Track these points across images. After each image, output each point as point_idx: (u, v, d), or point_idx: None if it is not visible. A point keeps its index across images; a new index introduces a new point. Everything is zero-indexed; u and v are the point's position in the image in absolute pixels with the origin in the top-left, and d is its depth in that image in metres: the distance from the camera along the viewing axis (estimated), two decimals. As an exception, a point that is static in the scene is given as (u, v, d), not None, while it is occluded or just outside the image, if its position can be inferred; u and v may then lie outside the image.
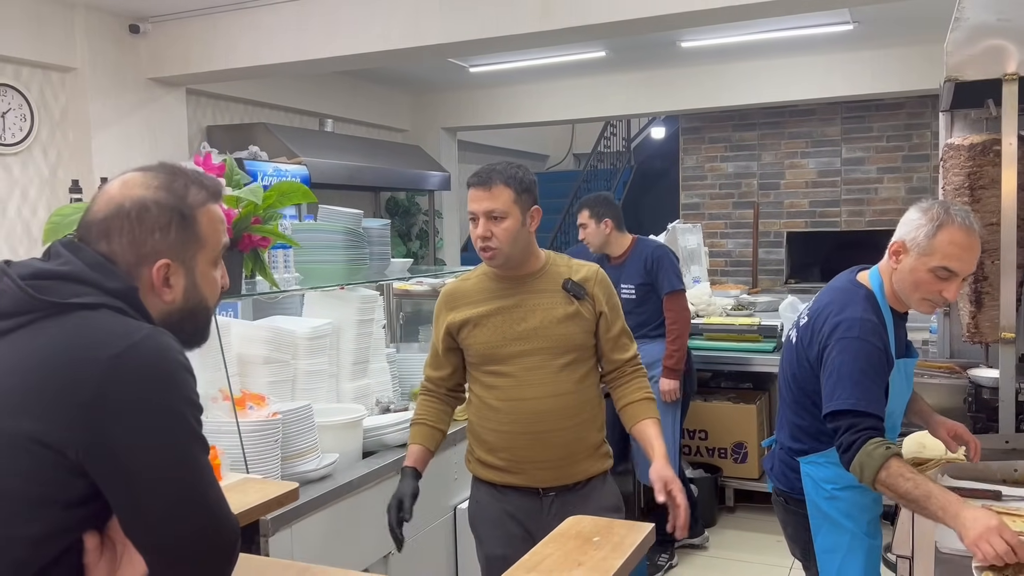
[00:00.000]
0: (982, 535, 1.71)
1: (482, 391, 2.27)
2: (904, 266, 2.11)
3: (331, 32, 4.89)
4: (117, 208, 1.27)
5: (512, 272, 2.26)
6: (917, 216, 2.11)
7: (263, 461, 2.15)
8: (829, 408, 2.04)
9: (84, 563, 1.18)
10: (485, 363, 2.25)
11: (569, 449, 2.24)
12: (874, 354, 2.04)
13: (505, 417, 2.22)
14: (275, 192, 2.11)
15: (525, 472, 2.23)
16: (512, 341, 2.21)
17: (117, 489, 1.14)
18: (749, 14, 4.20)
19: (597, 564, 1.36)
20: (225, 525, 1.22)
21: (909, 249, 2.09)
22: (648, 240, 4.19)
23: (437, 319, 2.35)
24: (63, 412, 1.10)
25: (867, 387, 2.01)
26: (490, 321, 2.23)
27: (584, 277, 2.29)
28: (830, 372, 2.06)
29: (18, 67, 4.87)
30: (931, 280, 2.07)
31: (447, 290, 2.37)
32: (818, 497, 2.22)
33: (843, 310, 2.11)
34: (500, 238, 2.16)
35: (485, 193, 2.17)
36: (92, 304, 1.18)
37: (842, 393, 2.01)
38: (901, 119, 8.12)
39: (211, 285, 1.35)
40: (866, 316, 2.09)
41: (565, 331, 2.23)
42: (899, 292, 2.15)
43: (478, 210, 2.18)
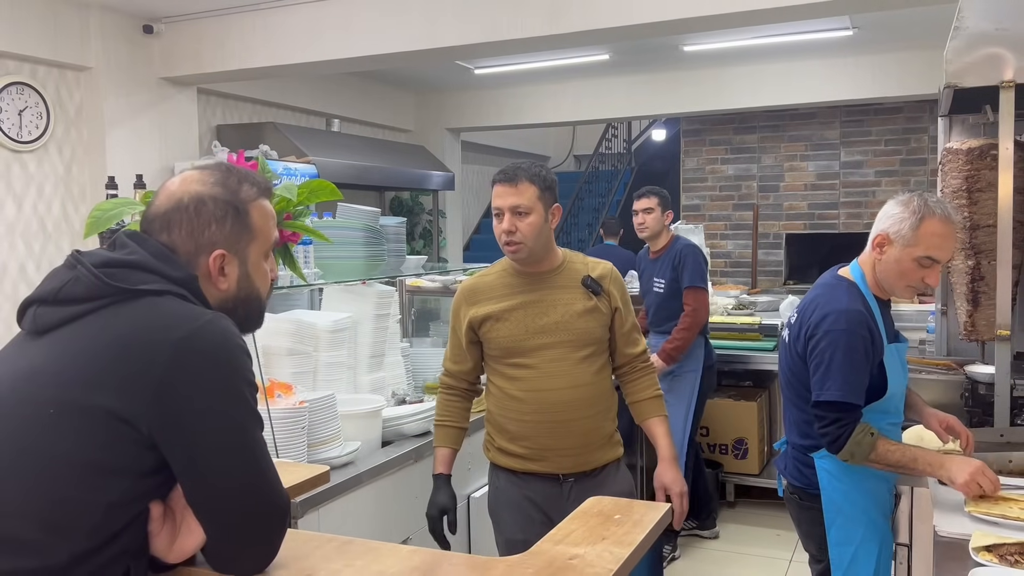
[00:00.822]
0: (972, 476, 2.02)
1: (504, 382, 2.36)
2: (889, 257, 2.23)
3: (345, 34, 4.98)
4: (177, 202, 1.36)
5: (533, 268, 2.36)
6: (898, 210, 2.23)
7: (291, 447, 2.25)
8: (818, 398, 2.18)
9: (148, 530, 1.27)
10: (508, 356, 2.34)
11: (587, 437, 2.35)
12: (860, 345, 2.17)
13: (528, 407, 2.31)
14: (305, 190, 2.20)
15: (547, 459, 2.34)
16: (535, 334, 2.31)
17: (183, 460, 1.23)
18: (752, 20, 4.30)
19: (620, 538, 1.45)
20: (278, 497, 1.31)
21: (893, 241, 2.22)
22: (681, 238, 4.32)
23: (457, 314, 2.43)
24: (136, 389, 1.20)
25: (853, 379, 2.15)
26: (513, 315, 2.32)
27: (601, 274, 2.40)
28: (818, 363, 2.19)
29: (35, 66, 4.96)
30: (915, 269, 2.21)
31: (467, 285, 2.45)
32: (834, 491, 2.30)
33: (830, 303, 2.24)
34: (524, 233, 2.26)
35: (511, 189, 2.26)
36: (158, 291, 1.28)
37: (831, 385, 2.15)
38: (899, 123, 8.23)
39: (262, 276, 1.45)
40: (852, 307, 2.21)
41: (585, 325, 2.33)
42: (883, 281, 2.28)
43: (504, 205, 2.27)
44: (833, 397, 2.15)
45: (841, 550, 2.30)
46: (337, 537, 1.50)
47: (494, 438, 2.43)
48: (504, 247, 2.30)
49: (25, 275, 4.91)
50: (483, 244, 9.69)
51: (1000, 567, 1.69)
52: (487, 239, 9.74)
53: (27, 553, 1.14)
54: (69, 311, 1.26)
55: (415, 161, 7.75)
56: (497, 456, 2.42)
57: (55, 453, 1.18)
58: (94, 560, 1.18)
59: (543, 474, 2.35)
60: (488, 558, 1.39)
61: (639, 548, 1.44)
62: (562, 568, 1.34)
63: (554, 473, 2.35)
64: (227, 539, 1.29)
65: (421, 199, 8.50)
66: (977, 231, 3.10)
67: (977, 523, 1.97)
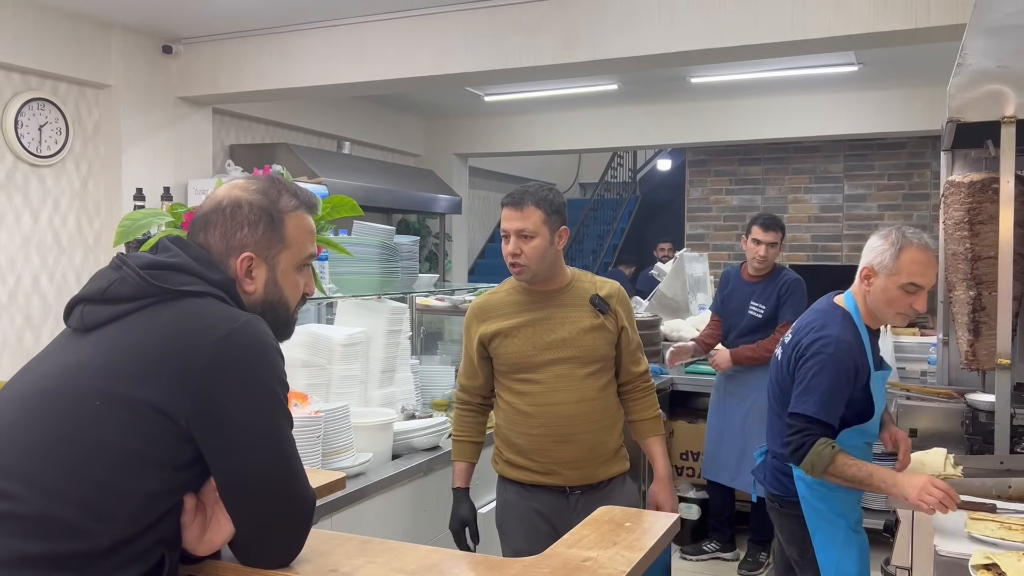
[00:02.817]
0: (921, 489, 2.12)
1: (512, 397, 2.43)
2: (876, 287, 2.40)
3: (358, 59, 5.09)
4: (217, 204, 1.44)
5: (540, 287, 2.44)
6: (880, 243, 2.42)
7: (306, 455, 2.29)
8: (794, 409, 2.35)
9: (181, 521, 1.33)
10: (516, 371, 2.41)
11: (593, 451, 2.42)
12: (843, 372, 2.34)
13: (535, 421, 2.39)
14: (328, 205, 2.28)
15: (554, 473, 2.40)
16: (543, 351, 2.38)
17: (218, 454, 1.29)
18: (758, 54, 4.41)
19: (631, 543, 1.49)
20: (305, 493, 1.37)
21: (878, 272, 2.39)
22: (787, 269, 4.39)
23: (468, 331, 2.51)
24: (177, 384, 1.26)
25: (831, 401, 2.32)
26: (521, 332, 2.40)
27: (608, 293, 2.48)
28: (802, 379, 2.36)
29: (56, 83, 5.07)
30: (902, 296, 2.37)
31: (477, 303, 2.53)
32: (813, 497, 2.45)
33: (823, 328, 2.41)
34: (528, 255, 2.35)
35: (517, 213, 2.35)
36: (199, 292, 1.35)
37: (808, 400, 2.32)
38: (903, 158, 8.34)
39: (292, 286, 1.50)
40: (843, 336, 2.37)
41: (592, 342, 2.41)
42: (874, 310, 2.44)
43: (510, 228, 2.36)
44: (808, 411, 2.31)
45: (827, 553, 2.44)
46: (358, 536, 1.56)
47: (502, 451, 2.49)
48: (510, 267, 2.40)
49: (38, 287, 4.98)
50: (488, 269, 9.77)
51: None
52: (492, 263, 9.82)
53: (71, 536, 1.19)
54: (115, 309, 1.32)
55: (423, 185, 7.85)
56: (505, 469, 2.48)
57: (98, 441, 1.24)
58: (133, 547, 1.24)
59: (550, 487, 2.41)
60: (504, 559, 1.44)
61: (649, 554, 1.49)
62: (576, 569, 1.39)
63: (561, 486, 2.41)
64: (255, 533, 1.34)
65: (428, 222, 8.59)
66: (978, 262, 3.17)
67: (977, 544, 2.01)
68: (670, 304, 5.71)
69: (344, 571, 1.38)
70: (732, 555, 4.49)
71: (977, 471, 2.58)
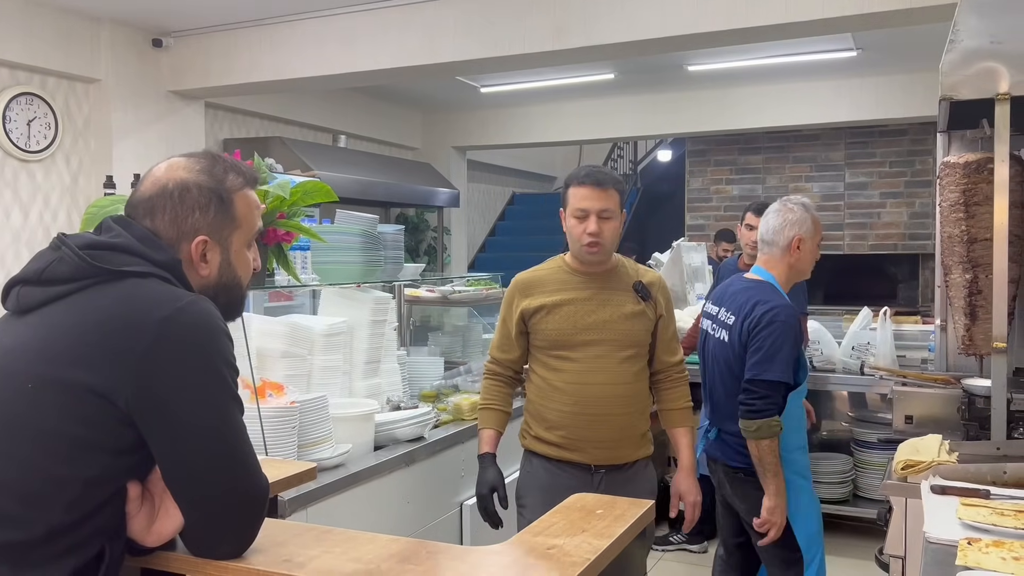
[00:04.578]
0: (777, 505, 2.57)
1: (547, 373, 2.45)
2: (805, 249, 2.77)
3: (349, 49, 5.04)
4: (162, 189, 1.38)
5: (590, 268, 2.47)
6: (797, 215, 2.77)
7: (281, 446, 2.25)
8: (757, 376, 2.55)
9: (126, 511, 1.28)
10: (554, 348, 2.44)
11: (622, 433, 2.45)
12: (793, 336, 2.61)
13: (568, 399, 2.41)
14: (299, 190, 2.23)
15: (581, 450, 2.42)
16: (583, 330, 2.41)
17: (160, 439, 1.24)
18: (752, 37, 4.34)
19: (600, 531, 1.44)
20: (256, 481, 1.32)
21: (804, 238, 2.76)
22: None
23: (509, 305, 2.53)
24: (116, 366, 1.21)
25: (789, 364, 2.59)
26: (563, 310, 2.43)
27: (650, 281, 2.52)
28: (759, 347, 2.58)
29: (44, 77, 5.03)
30: (817, 250, 2.83)
31: (521, 278, 2.56)
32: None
33: (768, 299, 2.65)
34: (607, 236, 2.40)
35: (601, 193, 2.39)
36: (142, 273, 1.30)
37: (770, 367, 2.55)
38: (904, 145, 8.25)
39: (244, 264, 1.46)
40: (785, 302, 2.66)
41: (631, 327, 2.44)
42: (799, 273, 2.81)
43: (592, 208, 2.38)
44: (772, 376, 2.54)
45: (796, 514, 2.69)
46: (318, 527, 1.51)
47: (531, 426, 2.51)
48: (584, 247, 2.40)
49: (29, 283, 4.95)
50: (488, 263, 9.71)
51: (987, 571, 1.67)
52: (492, 258, 9.77)
53: (8, 526, 1.15)
54: (53, 291, 1.27)
55: (421, 178, 7.80)
56: (533, 443, 2.50)
57: (35, 427, 1.19)
58: (70, 536, 1.19)
59: (576, 463, 2.43)
60: (467, 547, 1.39)
61: (618, 541, 1.44)
62: (541, 557, 1.34)
63: (586, 463, 2.43)
64: (204, 523, 1.29)
65: (426, 216, 8.54)
66: (974, 244, 3.10)
67: (968, 530, 1.95)
68: (668, 294, 5.63)
69: (298, 561, 1.33)
70: (699, 547, 4.43)
71: (973, 457, 2.52)
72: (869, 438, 4.35)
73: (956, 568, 1.71)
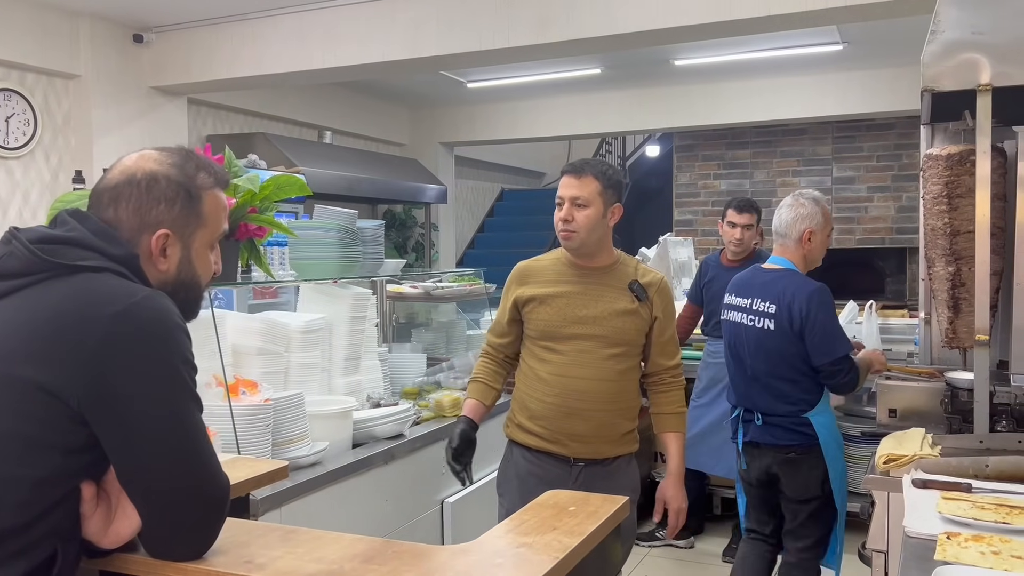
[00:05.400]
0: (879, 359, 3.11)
1: (534, 362, 2.45)
2: (816, 241, 3.02)
3: (331, 43, 5.00)
4: (129, 177, 1.35)
5: (585, 262, 2.45)
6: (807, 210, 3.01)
7: (255, 444, 2.21)
8: (837, 355, 2.86)
9: (80, 512, 1.24)
10: (543, 338, 2.43)
11: (601, 430, 2.42)
12: (833, 302, 2.92)
13: (551, 390, 2.40)
14: (272, 184, 2.19)
15: (560, 442, 2.41)
16: (572, 324, 2.39)
17: (113, 438, 1.20)
18: (736, 30, 4.32)
19: (571, 528, 1.42)
20: (215, 481, 1.28)
21: (815, 231, 3.00)
22: (763, 251, 4.29)
23: (507, 292, 2.53)
24: (67, 363, 1.18)
25: (845, 336, 2.95)
26: (556, 301, 2.41)
27: (649, 282, 2.48)
28: (819, 331, 2.84)
29: (23, 73, 4.97)
30: (829, 240, 3.09)
31: (520, 267, 2.55)
32: (830, 437, 2.95)
33: (804, 287, 2.91)
34: (580, 223, 2.36)
35: (575, 180, 2.38)
36: (96, 267, 1.26)
37: (841, 343, 2.88)
38: (891, 139, 8.24)
39: (205, 264, 1.42)
40: (819, 284, 2.93)
41: (621, 325, 2.41)
42: (812, 262, 3.05)
43: (565, 195, 2.38)
44: (845, 351, 2.88)
45: (838, 483, 2.96)
46: (283, 526, 1.48)
47: (516, 415, 2.51)
48: (559, 234, 2.40)
49: (9, 281, 4.89)
50: (477, 259, 9.68)
51: (965, 566, 1.66)
52: (481, 254, 9.73)
53: None
54: (3, 286, 1.24)
55: (408, 174, 7.76)
56: (516, 432, 2.49)
57: None
58: (21, 538, 1.16)
59: (556, 455, 2.42)
60: (432, 546, 1.36)
61: (589, 538, 1.41)
62: (508, 556, 1.32)
63: (566, 456, 2.42)
64: (161, 523, 1.26)
65: (414, 212, 8.50)
66: (957, 237, 3.08)
67: (948, 524, 1.93)
68: (654, 289, 5.61)
69: (259, 562, 1.30)
70: (685, 543, 4.42)
71: (956, 451, 2.51)
72: (853, 432, 4.34)
73: (935, 563, 1.69)
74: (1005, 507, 1.96)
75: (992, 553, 1.67)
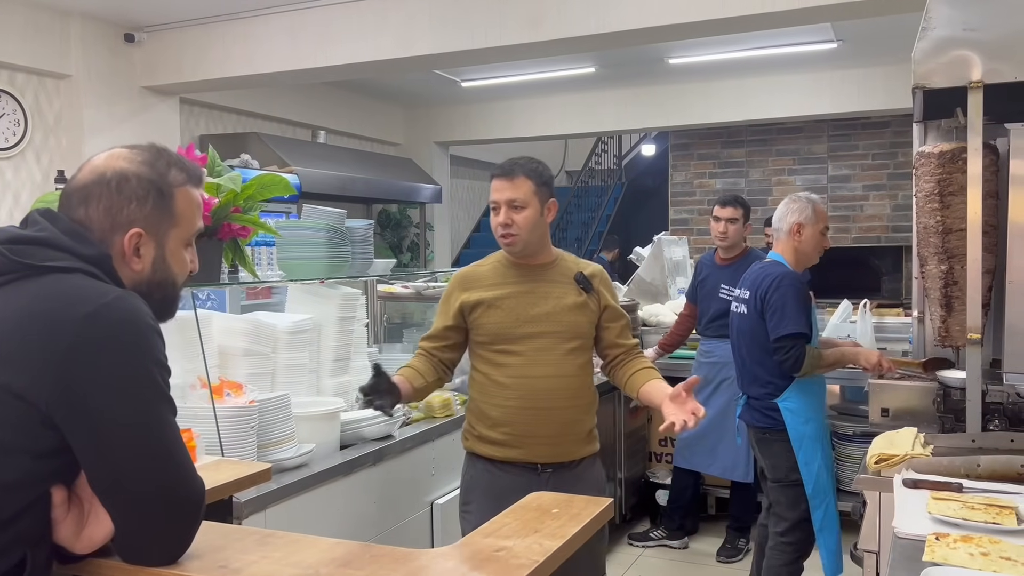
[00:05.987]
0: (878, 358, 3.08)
1: (490, 368, 2.39)
2: (806, 235, 3.18)
3: (323, 42, 4.98)
4: (99, 176, 1.33)
5: (527, 261, 2.41)
6: (798, 205, 3.20)
7: (239, 446, 2.19)
8: (778, 334, 3.02)
9: (52, 517, 1.22)
10: (496, 342, 2.37)
11: (566, 428, 2.38)
12: (800, 292, 3.07)
13: (512, 393, 2.34)
14: (255, 183, 2.17)
15: (525, 447, 2.35)
16: (525, 323, 2.35)
17: (83, 442, 1.18)
18: (729, 28, 4.30)
19: (553, 531, 1.40)
20: (189, 484, 1.26)
21: (805, 225, 3.17)
22: (756, 250, 4.30)
23: (448, 299, 2.46)
24: (36, 366, 1.15)
25: (800, 315, 3.03)
26: (505, 303, 2.36)
27: (591, 273, 2.46)
28: (773, 310, 3.04)
29: (13, 73, 4.94)
30: (822, 238, 3.22)
31: (461, 273, 2.50)
32: (798, 424, 3.11)
33: (774, 271, 3.13)
34: (520, 225, 2.32)
35: (508, 183, 2.33)
36: (67, 268, 1.24)
37: (787, 323, 3.01)
38: (887, 137, 8.23)
39: (180, 263, 1.40)
40: (787, 270, 3.14)
41: (574, 319, 2.38)
42: (804, 256, 3.21)
43: (500, 199, 2.33)
44: (790, 330, 2.99)
45: (809, 467, 3.09)
46: (261, 530, 1.46)
47: (474, 426, 2.44)
48: (500, 239, 2.36)
49: None
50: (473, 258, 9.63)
51: (954, 567, 1.64)
52: (477, 253, 9.68)
53: None
54: None
55: (403, 174, 7.74)
56: (475, 444, 2.42)
57: None
58: None
59: (521, 463, 2.36)
60: (411, 549, 1.34)
61: (572, 541, 1.39)
62: (486, 560, 1.29)
63: (532, 463, 2.36)
64: (133, 528, 1.24)
65: (409, 212, 8.48)
66: (949, 235, 3.06)
67: (938, 525, 1.92)
68: (649, 289, 5.60)
69: (234, 567, 1.28)
70: (679, 543, 4.40)
71: (948, 450, 2.49)
72: (847, 431, 4.33)
73: (923, 564, 1.67)
74: (995, 507, 1.94)
75: (981, 554, 1.66)
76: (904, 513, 2.03)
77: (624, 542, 4.48)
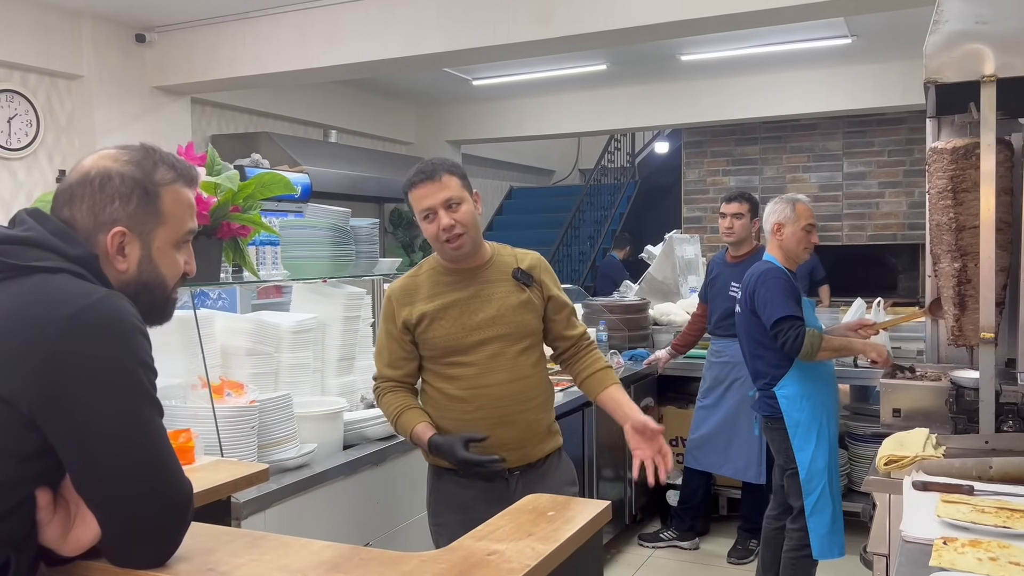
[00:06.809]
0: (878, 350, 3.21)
1: (443, 383, 2.29)
2: (788, 234, 3.32)
3: (332, 41, 4.98)
4: (84, 176, 1.32)
5: (463, 264, 2.29)
6: (779, 206, 3.36)
7: (239, 447, 2.18)
8: (774, 318, 3.12)
9: (37, 519, 1.21)
10: (446, 355, 2.27)
11: (530, 429, 2.31)
12: (786, 281, 3.20)
13: (469, 406, 2.25)
14: (255, 182, 2.16)
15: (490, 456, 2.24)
16: (473, 331, 2.25)
17: (68, 444, 1.17)
18: (742, 23, 4.26)
19: (547, 535, 1.37)
20: (176, 486, 1.24)
21: (785, 224, 3.32)
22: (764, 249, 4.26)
23: (390, 318, 2.32)
24: (19, 367, 1.14)
25: (788, 300, 3.16)
26: (448, 314, 2.26)
27: (530, 265, 2.36)
28: (764, 303, 3.18)
29: (25, 74, 4.97)
30: (805, 235, 3.34)
31: (396, 287, 2.36)
32: (793, 411, 3.24)
33: (759, 268, 3.29)
34: (464, 223, 2.19)
35: (435, 185, 2.18)
36: (53, 268, 1.22)
37: (777, 309, 3.13)
38: (902, 134, 8.14)
39: (171, 264, 1.37)
40: (772, 266, 3.27)
41: (521, 318, 2.30)
42: (790, 254, 3.33)
43: (435, 203, 2.17)
44: (780, 314, 3.11)
45: (803, 453, 3.22)
46: (252, 532, 1.44)
47: None
48: (445, 244, 2.21)
49: (12, 282, 4.90)
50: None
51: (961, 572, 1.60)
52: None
53: None
54: None
55: (413, 173, 7.72)
56: (439, 459, 2.29)
57: None
58: None
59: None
60: (402, 553, 1.32)
61: (566, 544, 1.36)
62: (477, 564, 1.27)
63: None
64: (120, 530, 1.22)
65: (421, 211, 8.45)
66: (963, 232, 3.00)
67: (947, 528, 1.88)
68: (660, 287, 5.56)
69: (223, 570, 1.27)
70: (690, 544, 4.36)
71: (961, 451, 2.45)
72: (862, 431, 4.28)
73: (930, 568, 1.64)
74: (1006, 510, 1.90)
75: (989, 559, 1.62)
76: (912, 516, 1.99)
77: (634, 543, 4.45)
